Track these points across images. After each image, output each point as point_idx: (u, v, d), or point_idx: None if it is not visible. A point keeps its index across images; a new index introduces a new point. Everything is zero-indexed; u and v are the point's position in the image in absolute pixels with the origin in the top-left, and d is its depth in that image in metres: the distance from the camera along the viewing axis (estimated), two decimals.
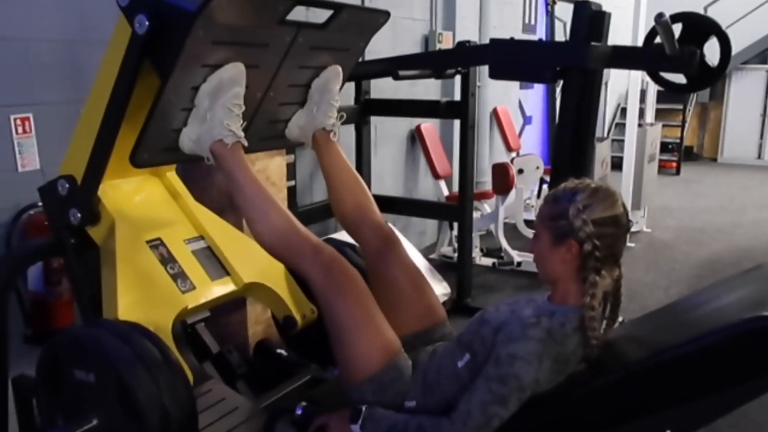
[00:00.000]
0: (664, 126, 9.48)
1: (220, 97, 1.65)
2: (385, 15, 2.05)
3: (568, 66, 2.52)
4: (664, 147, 9.42)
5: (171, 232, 1.98)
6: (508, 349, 1.31)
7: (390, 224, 1.99)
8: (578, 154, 2.66)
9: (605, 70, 4.54)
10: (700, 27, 2.48)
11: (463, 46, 3.27)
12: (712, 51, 2.46)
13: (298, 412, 1.50)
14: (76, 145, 1.82)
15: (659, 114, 8.47)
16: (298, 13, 1.74)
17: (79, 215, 1.83)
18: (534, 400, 1.28)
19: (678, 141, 9.51)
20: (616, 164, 5.69)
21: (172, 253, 1.93)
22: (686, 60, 2.44)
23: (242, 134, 1.71)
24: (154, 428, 1.41)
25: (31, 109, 2.46)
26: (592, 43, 2.47)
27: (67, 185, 1.84)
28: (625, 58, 2.62)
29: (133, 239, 1.86)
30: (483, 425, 1.30)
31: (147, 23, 1.54)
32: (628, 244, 5.45)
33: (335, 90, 1.97)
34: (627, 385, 1.22)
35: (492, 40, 2.75)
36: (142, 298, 1.77)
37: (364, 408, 1.42)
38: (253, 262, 2.06)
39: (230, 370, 2.34)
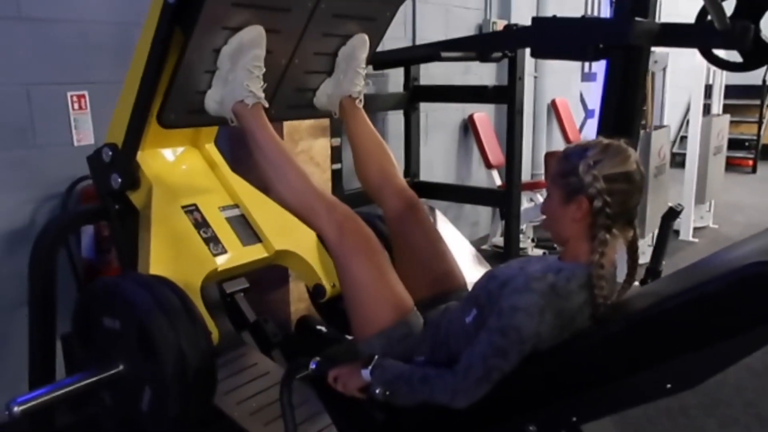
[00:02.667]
0: (740, 123, 9.09)
1: (240, 59, 1.71)
2: None
3: (612, 43, 2.46)
4: (740, 144, 9.00)
5: (206, 199, 2.06)
6: (510, 301, 1.30)
7: (429, 205, 1.99)
8: (623, 136, 2.60)
9: (666, 57, 4.42)
10: (755, 1, 2.38)
11: (510, 29, 3.24)
12: None
13: (313, 366, 1.54)
14: (118, 114, 1.94)
15: (734, 110, 8.11)
16: None
17: (119, 180, 1.94)
18: (535, 354, 1.27)
19: (755, 138, 9.05)
20: (681, 162, 5.50)
21: (206, 219, 2.01)
22: (739, 35, 2.34)
23: (262, 95, 1.76)
24: (171, 371, 1.48)
25: (86, 87, 2.62)
26: (637, 19, 2.41)
27: (110, 152, 1.96)
28: (673, 35, 2.52)
29: (168, 203, 1.96)
30: (483, 377, 1.30)
31: None
32: (692, 239, 5.25)
33: (362, 58, 2.00)
34: (627, 336, 1.19)
35: (534, 19, 2.72)
36: (173, 257, 1.86)
37: (376, 356, 1.45)
38: (286, 231, 2.13)
39: (266, 339, 2.42)
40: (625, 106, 2.55)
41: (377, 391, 1.41)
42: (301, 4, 1.80)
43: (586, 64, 6.20)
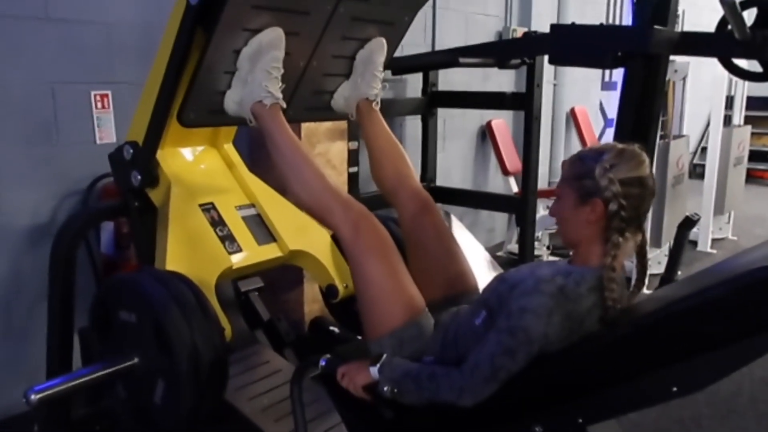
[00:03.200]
0: (763, 135, 8.97)
1: (259, 60, 1.74)
2: None
3: (630, 51, 2.46)
4: (763, 156, 8.89)
5: (223, 198, 2.10)
6: (519, 303, 1.31)
7: (443, 210, 2.01)
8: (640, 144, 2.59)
9: (686, 66, 4.39)
10: None
11: (528, 36, 3.25)
12: None
13: (322, 363, 1.56)
14: (139, 112, 1.98)
15: (757, 121, 8.02)
16: None
17: (139, 177, 1.98)
18: (543, 355, 1.28)
19: None
20: (701, 173, 5.45)
21: (223, 217, 2.04)
22: (759, 45, 2.33)
23: (280, 96, 1.79)
24: (184, 365, 1.51)
25: (109, 86, 2.68)
26: (656, 27, 2.41)
27: (131, 150, 1.99)
28: (692, 44, 2.52)
29: (186, 201, 1.99)
30: (490, 377, 1.31)
31: None
32: (709, 250, 5.20)
33: (379, 61, 2.02)
34: (634, 339, 1.19)
35: (553, 26, 2.72)
36: (189, 253, 1.89)
37: (385, 354, 1.46)
38: (301, 231, 2.16)
39: (279, 338, 2.44)
40: (643, 115, 2.54)
41: (385, 388, 1.42)
42: (320, 7, 1.83)
43: (606, 72, 6.17)
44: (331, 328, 2.75)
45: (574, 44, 2.57)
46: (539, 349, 1.29)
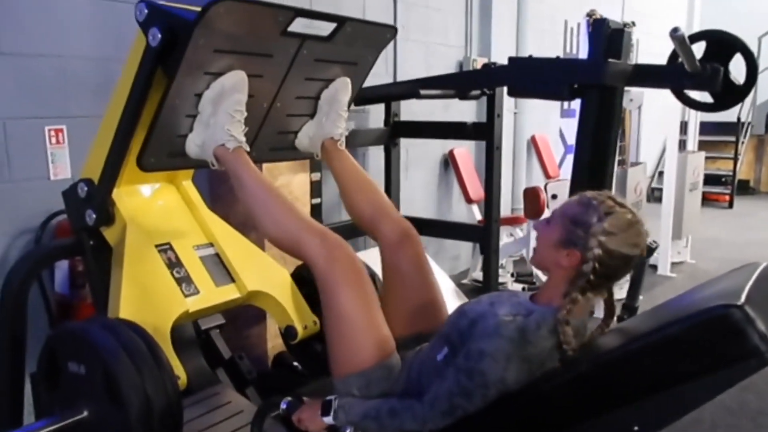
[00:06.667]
0: (717, 159, 9.26)
1: (222, 103, 1.71)
2: (392, 30, 2.08)
3: (586, 83, 2.52)
4: (717, 180, 9.16)
5: (181, 238, 2.05)
6: (478, 344, 1.31)
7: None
8: (597, 174, 2.62)
9: (641, 95, 4.52)
10: (724, 44, 2.44)
11: (487, 67, 3.30)
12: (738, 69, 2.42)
13: (283, 406, 1.52)
14: (96, 149, 1.93)
15: (710, 146, 8.27)
16: (302, 26, 1.78)
17: (94, 216, 1.93)
18: (503, 395, 1.27)
19: (731, 174, 9.22)
20: (659, 197, 5.56)
21: (180, 258, 2.00)
22: (709, 77, 2.40)
23: (243, 139, 1.76)
24: (135, 415, 1.46)
25: (65, 121, 2.62)
26: (610, 60, 2.47)
27: (86, 188, 1.95)
28: (645, 75, 2.59)
29: (142, 242, 1.94)
30: (447, 412, 1.32)
31: (159, 36, 1.64)
32: (669, 273, 5.30)
33: (344, 101, 2.01)
34: (592, 377, 1.20)
35: (510, 58, 2.78)
36: (144, 297, 1.84)
37: (334, 399, 1.43)
38: (260, 271, 2.13)
39: (241, 376, 2.39)
40: (600, 144, 2.59)
41: (347, 431, 1.40)
42: (283, 50, 1.80)
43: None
44: (295, 363, 2.71)
45: (532, 77, 2.63)
46: (497, 393, 1.29)
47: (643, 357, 1.12)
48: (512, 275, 4.88)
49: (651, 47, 6.50)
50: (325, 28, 1.85)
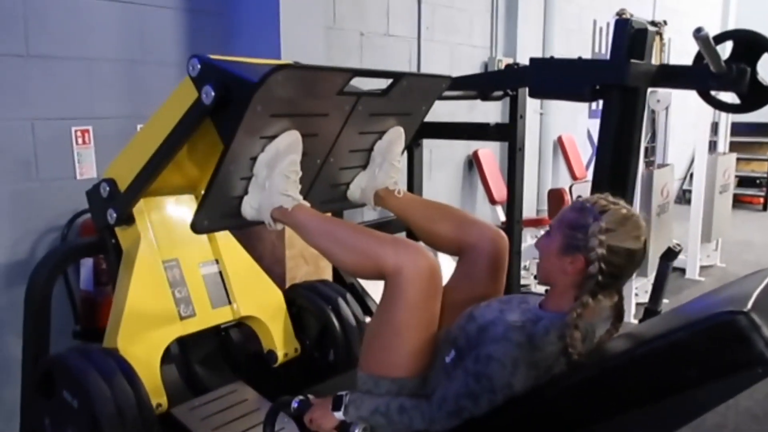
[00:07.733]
0: (751, 161, 9.05)
1: (277, 166, 1.66)
2: (447, 80, 2.02)
3: (608, 84, 2.49)
4: (751, 182, 8.96)
5: (189, 254, 2.13)
6: (487, 349, 1.31)
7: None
8: (619, 176, 2.59)
9: (668, 96, 4.44)
10: (751, 44, 2.39)
11: (509, 68, 3.28)
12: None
13: (295, 405, 1.54)
14: (127, 157, 1.97)
15: (744, 147, 8.08)
16: (358, 82, 1.74)
17: (115, 215, 1.98)
18: (510, 399, 1.27)
19: (765, 176, 9.01)
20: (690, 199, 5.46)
21: (184, 276, 2.08)
22: (735, 78, 2.35)
23: (300, 197, 1.71)
24: None
25: (90, 122, 2.68)
26: (633, 61, 2.43)
27: (108, 187, 2.00)
28: (669, 76, 2.55)
29: (151, 256, 2.02)
30: (453, 413, 1.33)
31: (213, 94, 1.59)
32: (698, 277, 5.20)
33: (397, 151, 1.96)
34: (598, 382, 1.19)
35: (532, 59, 2.75)
36: (142, 323, 1.95)
37: (345, 394, 1.45)
38: (256, 294, 2.24)
39: (259, 373, 2.42)
40: (622, 146, 2.56)
41: (357, 430, 1.41)
42: (339, 108, 1.75)
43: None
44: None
45: (553, 77, 2.60)
46: (504, 398, 1.29)
47: (649, 362, 1.11)
48: (535, 277, 4.84)
49: (685, 46, 6.40)
50: (382, 84, 1.81)
